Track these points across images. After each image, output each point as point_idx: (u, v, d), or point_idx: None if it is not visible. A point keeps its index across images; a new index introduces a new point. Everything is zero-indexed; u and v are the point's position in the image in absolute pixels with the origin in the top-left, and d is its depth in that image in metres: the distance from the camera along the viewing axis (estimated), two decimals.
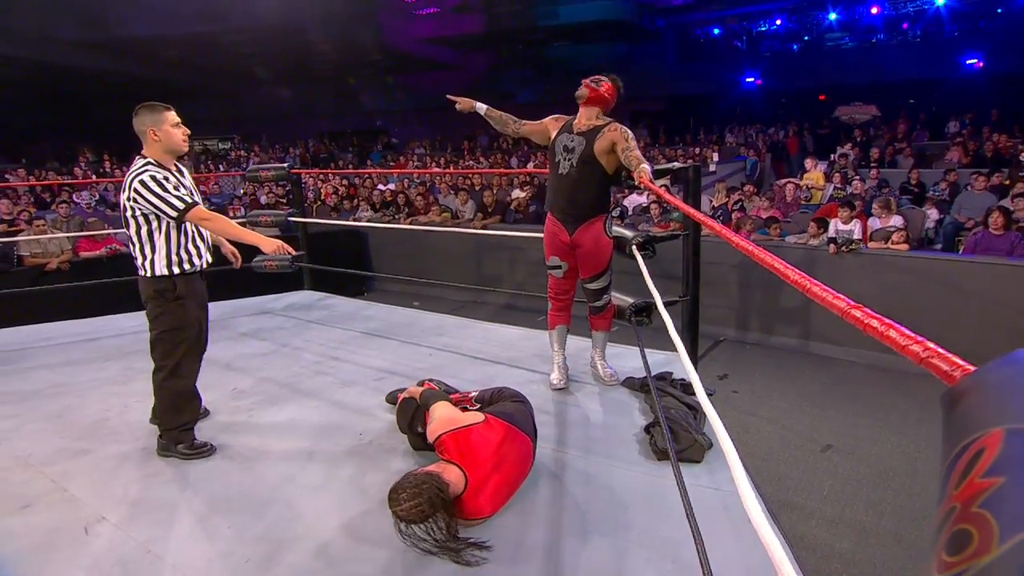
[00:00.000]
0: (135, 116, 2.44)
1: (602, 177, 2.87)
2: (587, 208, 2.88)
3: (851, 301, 0.67)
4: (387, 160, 16.19)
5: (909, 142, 11.06)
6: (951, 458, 0.34)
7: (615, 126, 2.84)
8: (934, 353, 0.48)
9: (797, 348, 5.87)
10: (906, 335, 0.54)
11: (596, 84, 2.84)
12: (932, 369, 0.47)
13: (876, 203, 6.31)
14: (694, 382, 1.51)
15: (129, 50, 16.06)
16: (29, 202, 9.54)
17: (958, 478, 0.32)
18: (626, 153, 2.78)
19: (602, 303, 3.09)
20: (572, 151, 2.85)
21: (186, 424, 2.56)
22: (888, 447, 4.06)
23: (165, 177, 2.39)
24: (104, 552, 1.96)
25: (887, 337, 0.57)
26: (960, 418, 0.35)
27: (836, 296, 0.70)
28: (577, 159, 2.83)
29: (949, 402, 0.37)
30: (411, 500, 1.87)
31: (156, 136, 2.41)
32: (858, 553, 3.02)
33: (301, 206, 5.31)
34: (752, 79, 18.11)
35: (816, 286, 0.76)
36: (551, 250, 3.02)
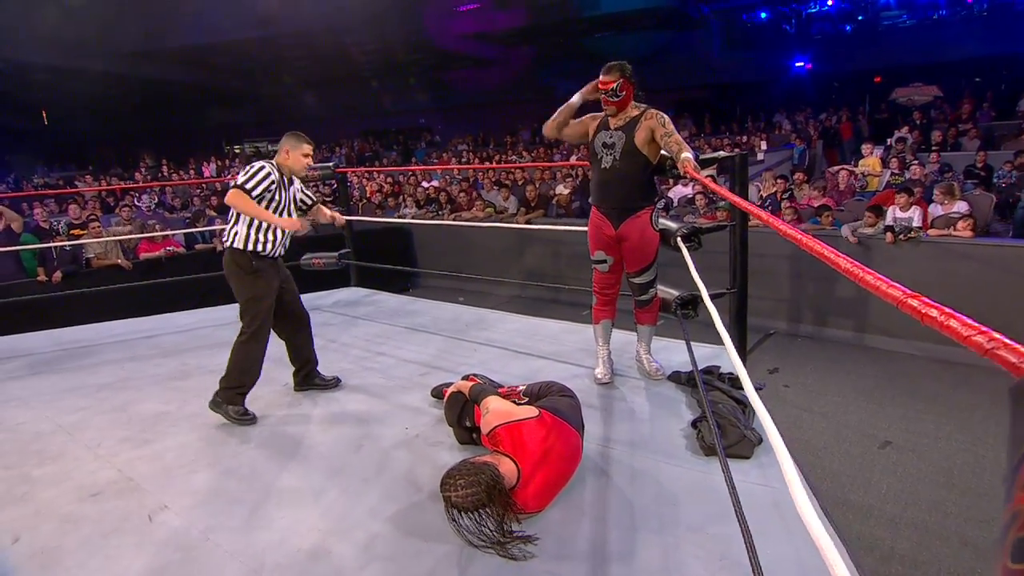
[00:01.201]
0: (284, 137, 3.02)
1: (646, 167, 2.83)
2: (633, 200, 2.85)
3: (907, 290, 0.64)
4: (431, 157, 16.35)
5: (975, 123, 10.46)
6: (1019, 457, 0.31)
7: (651, 113, 2.80)
8: (1000, 344, 0.44)
9: (852, 341, 5.65)
10: (968, 325, 0.51)
11: (616, 95, 2.77)
12: (998, 361, 0.43)
13: (938, 188, 6.00)
14: (741, 375, 1.47)
15: (183, 59, 16.74)
16: (96, 206, 10.06)
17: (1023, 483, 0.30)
18: (665, 139, 2.75)
19: (648, 297, 3.05)
20: (612, 147, 2.83)
21: (243, 387, 2.89)
22: (951, 444, 3.87)
23: (269, 174, 2.84)
24: (167, 539, 2.05)
25: (947, 327, 0.53)
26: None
27: (891, 285, 0.67)
28: (619, 153, 2.80)
29: (1018, 396, 0.34)
30: (468, 488, 1.87)
31: (287, 155, 2.95)
32: (920, 555, 2.89)
33: (347, 204, 5.41)
34: (802, 64, 17.45)
35: (869, 274, 0.72)
36: (596, 244, 3.00)
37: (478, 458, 2.02)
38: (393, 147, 18.94)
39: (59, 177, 16.15)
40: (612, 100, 2.78)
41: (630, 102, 2.82)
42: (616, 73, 2.76)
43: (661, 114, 2.80)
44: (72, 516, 2.21)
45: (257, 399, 3.16)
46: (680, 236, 2.99)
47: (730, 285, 3.40)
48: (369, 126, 21.11)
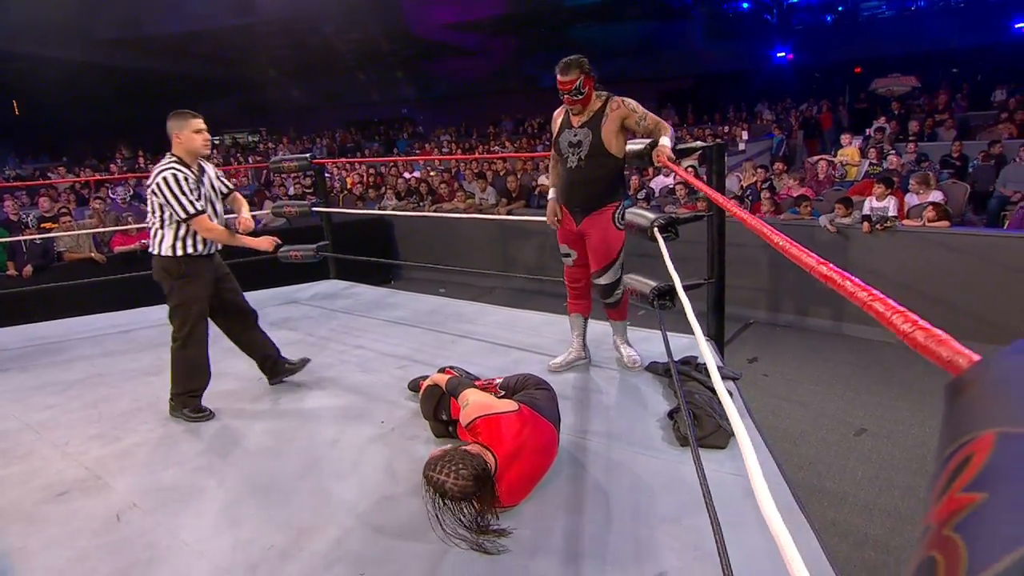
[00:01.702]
0: (167, 120, 2.77)
1: (613, 166, 2.77)
2: (596, 198, 2.80)
3: (859, 282, 0.63)
4: (413, 148, 16.21)
5: (951, 113, 10.58)
6: (940, 463, 0.29)
7: (615, 102, 2.70)
8: (936, 339, 0.43)
9: (830, 329, 5.71)
10: (910, 319, 0.50)
11: (579, 93, 2.64)
12: (933, 358, 0.42)
13: (913, 178, 6.07)
14: (709, 364, 1.46)
15: (161, 47, 16.41)
16: (69, 199, 9.84)
17: (940, 490, 0.27)
18: (642, 123, 2.68)
19: (614, 299, 2.99)
20: (579, 145, 2.74)
21: (194, 391, 2.85)
22: (925, 431, 3.92)
23: (185, 177, 2.68)
24: (135, 538, 2.01)
25: (889, 321, 0.52)
26: (956, 414, 0.30)
27: (845, 277, 0.65)
28: (586, 151, 2.72)
29: (951, 394, 0.32)
30: (460, 475, 1.84)
31: (179, 139, 2.72)
32: (893, 539, 2.93)
33: (325, 196, 5.34)
34: (783, 54, 17.53)
35: (822, 264, 0.71)
36: (562, 239, 2.98)
37: (464, 447, 2.00)
38: (375, 138, 18.74)
39: (33, 168, 15.79)
40: (575, 99, 2.66)
41: (592, 96, 2.71)
42: (575, 71, 2.62)
43: (627, 100, 2.71)
44: (38, 516, 2.16)
45: (230, 394, 3.12)
46: (656, 227, 2.98)
47: (708, 275, 3.40)
48: (351, 117, 20.87)
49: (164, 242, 2.74)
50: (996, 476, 0.25)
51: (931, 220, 5.24)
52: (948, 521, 0.25)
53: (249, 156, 16.37)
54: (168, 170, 2.66)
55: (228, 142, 19.69)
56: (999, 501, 0.24)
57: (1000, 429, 0.25)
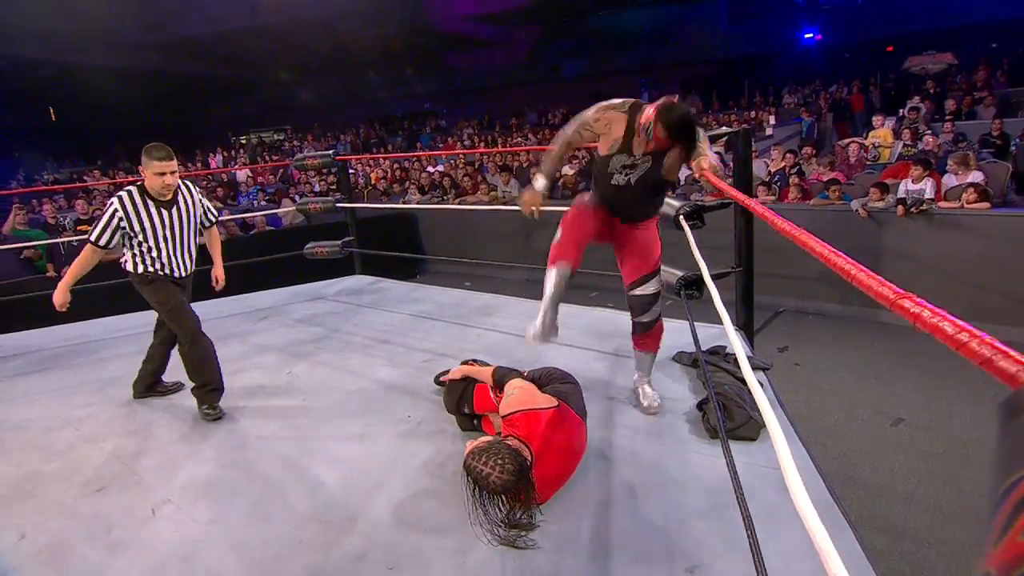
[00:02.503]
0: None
1: (664, 188, 2.56)
2: (643, 215, 2.56)
3: (899, 290, 0.59)
4: (436, 142, 16.24)
5: (990, 90, 10.18)
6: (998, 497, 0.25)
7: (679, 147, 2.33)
8: (996, 351, 0.39)
9: (863, 316, 5.56)
10: (963, 328, 0.46)
11: (648, 135, 2.26)
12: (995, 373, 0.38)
13: (952, 159, 5.85)
14: (738, 353, 1.43)
15: (187, 50, 16.70)
16: (104, 201, 10.10)
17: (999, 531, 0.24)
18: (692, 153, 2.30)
19: (651, 318, 2.58)
20: (633, 167, 2.39)
21: (208, 385, 2.86)
22: (966, 420, 3.80)
23: (114, 211, 2.74)
24: (169, 532, 2.06)
25: (939, 331, 0.48)
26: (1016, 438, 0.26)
27: (882, 283, 0.61)
28: (638, 177, 2.39)
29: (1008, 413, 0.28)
30: (502, 469, 1.82)
31: (143, 174, 2.77)
32: (934, 533, 2.84)
33: (349, 192, 5.38)
34: (811, 35, 17.06)
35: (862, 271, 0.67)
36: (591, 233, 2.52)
37: (505, 440, 1.99)
38: (398, 133, 18.83)
39: (70, 172, 16.26)
40: (643, 137, 2.29)
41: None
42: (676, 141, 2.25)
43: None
44: (77, 511, 2.22)
45: (258, 389, 3.16)
46: (682, 215, 2.92)
47: (736, 264, 3.33)
48: (374, 113, 21.00)
49: (127, 262, 2.89)
50: None
51: (971, 202, 5.05)
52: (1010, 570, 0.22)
53: (275, 154, 16.60)
54: (117, 198, 2.76)
55: (254, 141, 19.98)
56: None
57: None
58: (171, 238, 2.85)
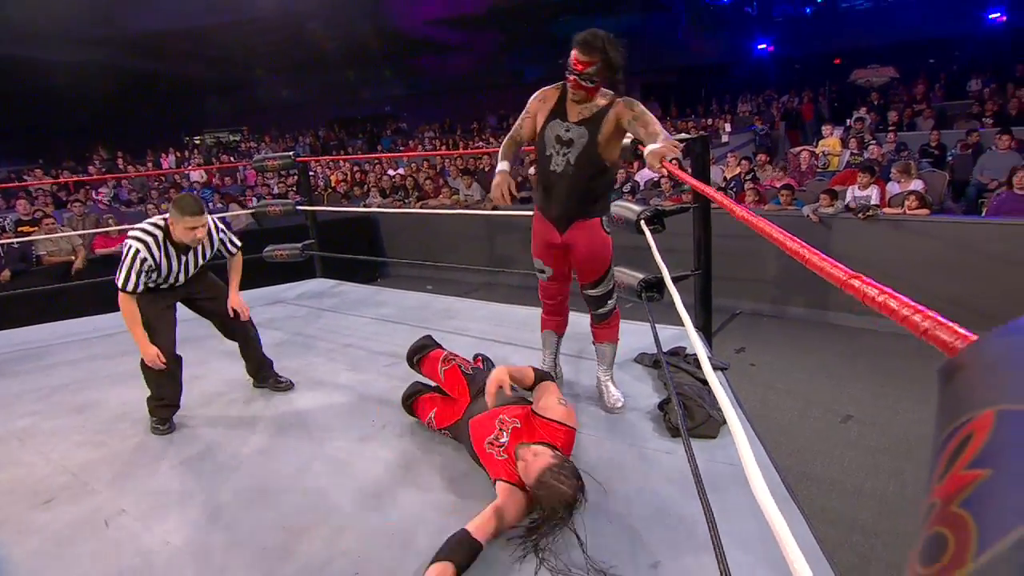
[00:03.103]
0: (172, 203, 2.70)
1: (606, 172, 2.42)
2: (586, 207, 2.43)
3: (849, 270, 0.64)
4: (397, 145, 16.12)
5: (928, 103, 10.73)
6: (940, 443, 0.29)
7: (622, 102, 2.29)
8: (935, 323, 0.44)
9: (816, 319, 5.78)
10: (906, 304, 0.51)
11: (590, 81, 2.23)
12: (934, 342, 0.43)
13: (895, 167, 6.15)
14: (699, 354, 1.47)
15: (139, 46, 16.14)
16: (47, 201, 9.67)
17: (942, 468, 0.28)
18: (631, 124, 2.25)
19: (607, 309, 2.64)
20: (569, 144, 2.32)
21: (160, 400, 2.75)
22: (910, 416, 3.99)
23: (143, 259, 2.58)
24: (124, 544, 1.99)
25: (885, 307, 0.53)
26: (952, 396, 0.31)
27: (834, 265, 0.66)
28: (576, 155, 2.32)
29: (944, 377, 0.33)
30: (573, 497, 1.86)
31: (173, 226, 2.61)
32: (881, 523, 2.98)
33: (309, 194, 5.30)
34: (764, 46, 17.67)
35: (814, 255, 0.72)
36: (538, 252, 2.61)
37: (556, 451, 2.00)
38: (359, 136, 18.61)
39: (8, 171, 15.49)
40: (583, 85, 2.23)
41: (598, 91, 2.30)
42: (596, 54, 2.18)
43: (632, 101, 2.30)
44: (24, 525, 2.13)
45: (218, 396, 3.09)
46: (643, 219, 2.99)
47: (694, 267, 3.42)
48: (334, 114, 20.71)
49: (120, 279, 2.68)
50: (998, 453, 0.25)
51: (912, 208, 5.31)
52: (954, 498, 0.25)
53: (231, 155, 16.19)
54: (139, 240, 2.58)
55: (210, 141, 19.44)
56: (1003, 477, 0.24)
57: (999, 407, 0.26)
58: (180, 272, 2.75)
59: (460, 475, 2.23)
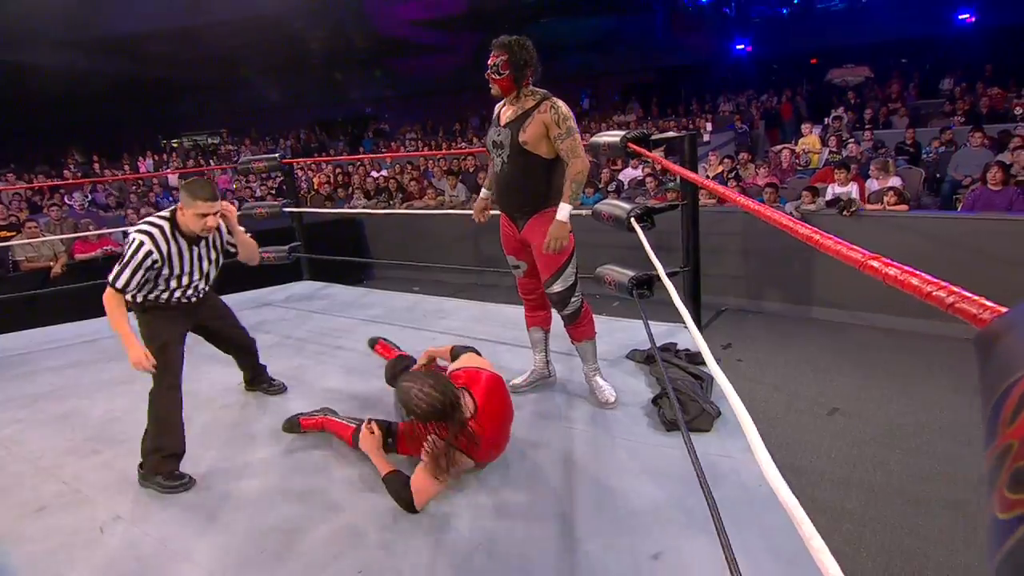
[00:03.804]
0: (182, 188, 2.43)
1: (542, 166, 2.48)
2: (533, 201, 2.52)
3: (867, 252, 0.66)
4: (379, 147, 16.04)
5: (903, 102, 10.96)
6: (995, 399, 0.32)
7: (547, 106, 2.42)
8: (960, 297, 0.46)
9: (800, 315, 5.87)
10: (929, 281, 0.53)
11: (498, 73, 2.41)
12: (960, 314, 0.45)
13: (873, 164, 6.27)
14: (703, 349, 1.50)
15: (114, 48, 15.87)
16: (20, 206, 9.47)
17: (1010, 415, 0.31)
18: (558, 141, 2.41)
19: (572, 310, 2.63)
20: (501, 146, 2.49)
21: (162, 450, 2.29)
22: (894, 407, 4.07)
23: (148, 253, 2.25)
24: (121, 550, 1.97)
25: (907, 284, 0.55)
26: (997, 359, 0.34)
27: (851, 248, 0.69)
28: (507, 154, 2.48)
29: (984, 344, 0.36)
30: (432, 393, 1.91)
31: (183, 213, 2.35)
32: (868, 512, 3.04)
33: (295, 196, 5.26)
34: (742, 46, 17.90)
35: (828, 239, 0.74)
36: (507, 249, 2.73)
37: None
38: (340, 137, 18.49)
39: None
40: (492, 77, 2.43)
41: (516, 88, 2.44)
42: (501, 51, 2.40)
43: (559, 106, 2.42)
44: (17, 533, 2.09)
45: (211, 400, 3.06)
46: (634, 216, 3.02)
47: (683, 264, 3.46)
48: (315, 116, 20.52)
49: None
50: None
51: (891, 204, 5.43)
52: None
53: (212, 158, 15.99)
54: (144, 233, 2.27)
55: (188, 145, 19.16)
56: None
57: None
58: (192, 272, 2.44)
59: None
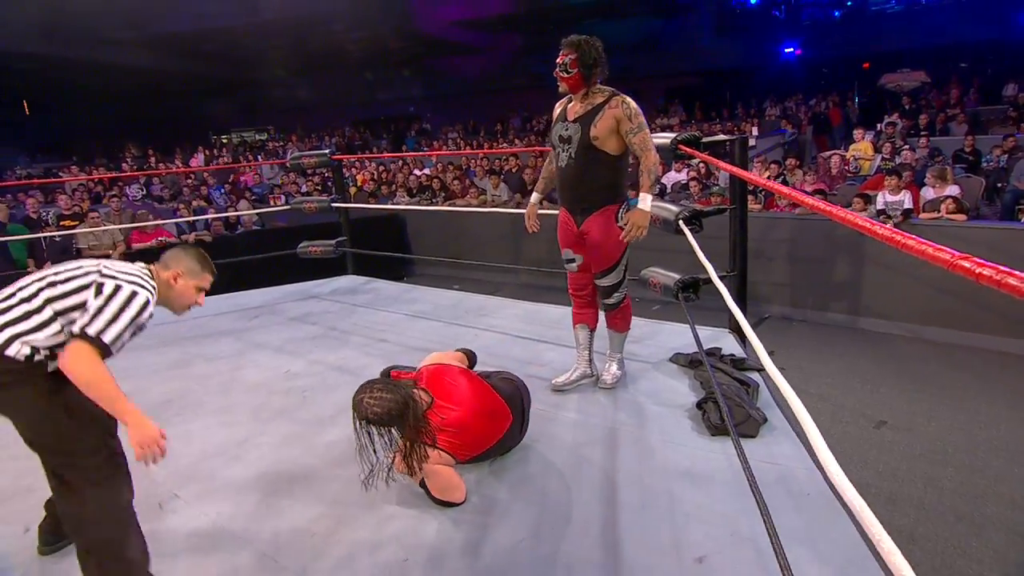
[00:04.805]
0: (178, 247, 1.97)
1: (608, 163, 2.58)
2: (595, 199, 2.63)
3: (956, 251, 0.65)
4: (421, 146, 16.24)
5: (962, 108, 10.54)
6: None
7: (617, 101, 2.52)
8: None
9: (846, 324, 5.72)
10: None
11: (566, 71, 2.52)
12: None
13: (930, 172, 6.06)
14: (760, 353, 1.49)
15: (169, 46, 16.47)
16: (83, 197, 9.91)
17: None
18: (630, 135, 2.51)
19: (615, 301, 2.80)
20: (569, 141, 2.59)
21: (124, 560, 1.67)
22: (946, 424, 3.94)
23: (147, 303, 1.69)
24: (179, 527, 2.06)
25: (1006, 285, 0.55)
26: None
27: (938, 248, 0.68)
28: (575, 149, 2.57)
29: None
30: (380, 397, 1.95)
31: (174, 282, 1.84)
32: (918, 529, 2.95)
33: (343, 191, 5.38)
34: (791, 49, 17.48)
35: (910, 239, 0.73)
36: (563, 242, 2.82)
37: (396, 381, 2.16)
38: (383, 136, 18.77)
39: (43, 168, 15.88)
40: (561, 75, 2.54)
41: (585, 86, 2.55)
42: (570, 49, 2.50)
43: (628, 102, 2.51)
44: None
45: (260, 386, 3.15)
46: (682, 219, 3.00)
47: (729, 268, 3.42)
48: (359, 115, 20.90)
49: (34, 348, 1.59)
50: None
51: (949, 213, 5.25)
52: None
53: (258, 155, 16.44)
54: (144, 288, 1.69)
55: (236, 141, 19.74)
56: None
57: None
58: None
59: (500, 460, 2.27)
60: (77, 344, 1.56)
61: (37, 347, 1.60)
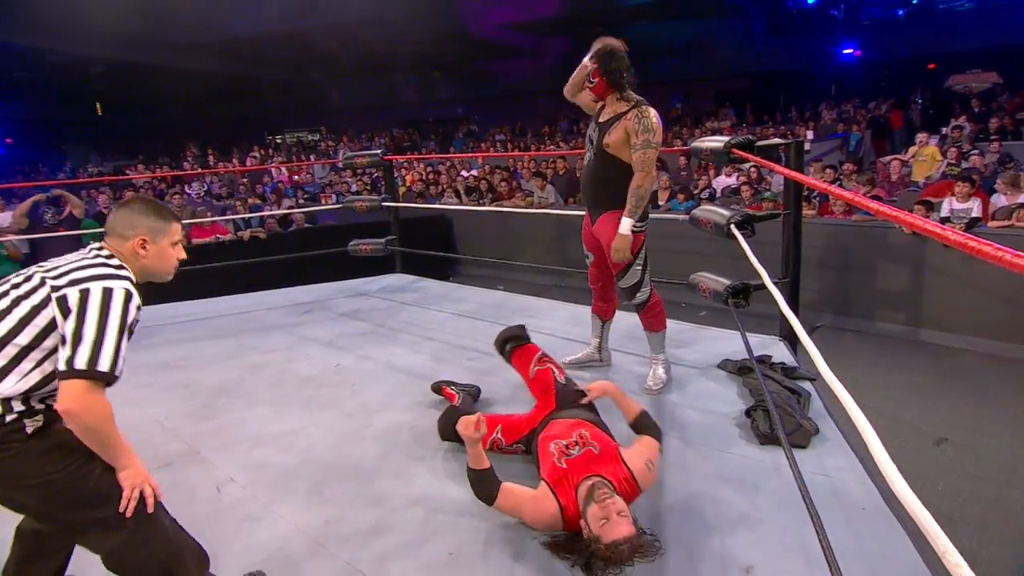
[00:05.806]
0: (121, 208, 1.62)
1: (621, 169, 2.63)
2: (607, 201, 2.71)
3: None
4: (469, 147, 16.38)
5: None
6: None
7: (633, 114, 2.55)
8: None
9: (904, 335, 5.49)
10: None
11: (590, 81, 2.60)
12: None
13: (1001, 179, 5.76)
14: (817, 361, 1.46)
15: (231, 50, 17.12)
16: (149, 194, 10.40)
17: None
18: (632, 151, 2.55)
19: (639, 300, 2.84)
20: (592, 142, 2.73)
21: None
22: (1010, 441, 3.74)
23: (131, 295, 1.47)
24: (236, 507, 2.14)
25: None
26: None
27: (1016, 255, 0.65)
28: (593, 151, 2.71)
29: None
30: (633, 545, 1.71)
31: (145, 250, 1.58)
32: (981, 552, 2.81)
33: (394, 191, 5.48)
34: (850, 51, 16.87)
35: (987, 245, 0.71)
36: (584, 238, 2.98)
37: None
38: (431, 137, 19.02)
39: (112, 166, 16.73)
40: (587, 84, 2.63)
41: (611, 92, 2.60)
42: (593, 61, 2.56)
43: (644, 118, 2.52)
44: None
45: (310, 380, 3.24)
46: (734, 223, 2.94)
47: (782, 275, 3.33)
48: (406, 116, 21.24)
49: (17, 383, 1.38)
50: None
51: (1021, 221, 4.98)
52: None
53: (311, 155, 16.92)
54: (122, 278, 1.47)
55: (290, 141, 20.36)
56: None
57: None
58: None
59: None
60: (69, 385, 1.33)
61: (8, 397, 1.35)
